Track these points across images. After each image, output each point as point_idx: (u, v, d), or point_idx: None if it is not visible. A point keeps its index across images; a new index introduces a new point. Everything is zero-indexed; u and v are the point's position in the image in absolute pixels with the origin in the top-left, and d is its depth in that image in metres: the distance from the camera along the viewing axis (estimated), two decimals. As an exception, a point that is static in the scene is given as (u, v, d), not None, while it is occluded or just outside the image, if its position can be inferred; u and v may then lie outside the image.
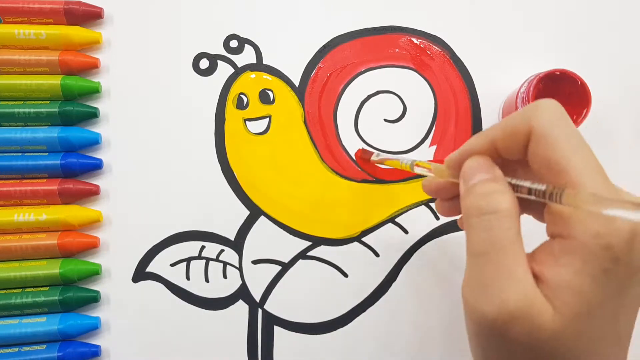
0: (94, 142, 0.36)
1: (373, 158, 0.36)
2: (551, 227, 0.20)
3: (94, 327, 0.34)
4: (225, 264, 0.36)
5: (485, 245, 0.20)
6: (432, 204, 0.37)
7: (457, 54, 0.39)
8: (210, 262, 0.36)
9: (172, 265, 0.36)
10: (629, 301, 0.20)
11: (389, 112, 0.38)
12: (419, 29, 0.39)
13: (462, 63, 0.39)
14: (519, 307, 0.19)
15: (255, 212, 0.37)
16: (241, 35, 0.39)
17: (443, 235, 0.37)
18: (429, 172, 0.27)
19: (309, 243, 0.36)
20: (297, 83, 0.38)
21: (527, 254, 0.21)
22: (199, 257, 0.36)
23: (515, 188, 0.21)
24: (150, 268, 0.36)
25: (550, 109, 0.21)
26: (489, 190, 0.21)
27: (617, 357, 0.21)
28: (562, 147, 0.20)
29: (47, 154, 0.36)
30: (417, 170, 0.28)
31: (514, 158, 0.22)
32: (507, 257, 0.20)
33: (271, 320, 0.36)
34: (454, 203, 0.27)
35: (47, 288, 0.34)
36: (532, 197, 0.20)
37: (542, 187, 0.20)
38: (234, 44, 0.39)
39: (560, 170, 0.20)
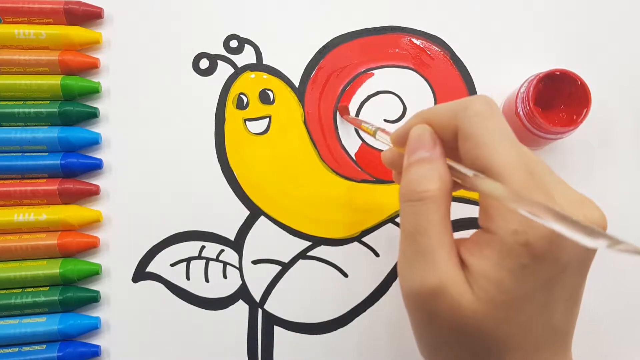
0: (94, 142, 0.36)
1: (347, 116, 0.37)
2: (481, 218, 0.21)
3: (94, 327, 0.34)
4: (225, 264, 0.36)
5: (411, 227, 0.21)
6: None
7: (457, 54, 0.39)
8: (210, 262, 0.36)
9: (172, 265, 0.36)
10: (561, 293, 0.20)
11: (389, 112, 0.38)
12: (419, 29, 0.39)
13: (462, 63, 0.39)
14: (438, 285, 0.20)
15: (255, 212, 0.37)
16: (241, 35, 0.39)
17: (443, 235, 0.37)
18: (388, 143, 0.27)
19: (309, 243, 0.36)
20: (297, 83, 0.38)
21: (460, 239, 0.22)
22: (199, 257, 0.36)
23: (451, 169, 0.21)
24: (150, 268, 0.36)
25: (477, 107, 0.21)
26: (421, 174, 0.21)
27: (555, 350, 0.21)
28: (487, 145, 0.20)
29: (47, 154, 0.36)
30: (379, 137, 0.28)
31: (450, 146, 0.22)
32: (430, 239, 0.20)
33: (271, 320, 0.36)
34: None
35: (47, 288, 0.34)
36: (461, 182, 0.21)
37: (470, 172, 0.20)
38: (234, 44, 0.39)
39: (484, 167, 0.20)
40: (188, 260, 0.36)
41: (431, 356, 0.23)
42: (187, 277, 0.36)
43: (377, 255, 0.37)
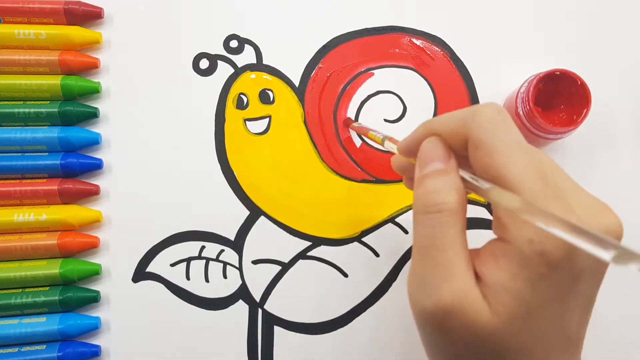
0: (94, 142, 0.36)
1: (354, 125, 0.36)
2: (495, 227, 0.21)
3: (94, 327, 0.34)
4: (225, 264, 0.36)
5: (426, 241, 0.21)
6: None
7: (457, 54, 0.39)
8: (210, 262, 0.36)
9: (172, 265, 0.36)
10: (575, 302, 0.20)
11: (389, 112, 0.38)
12: (419, 29, 0.39)
13: (462, 63, 0.39)
14: (455, 303, 0.19)
15: (255, 212, 0.37)
16: (241, 35, 0.39)
17: (443, 235, 0.37)
18: (396, 152, 0.27)
19: (309, 243, 0.36)
20: (297, 83, 0.38)
21: (473, 250, 0.21)
22: (199, 257, 0.36)
23: (464, 180, 0.21)
24: (150, 268, 0.36)
25: (488, 115, 0.20)
26: (437, 187, 0.21)
27: (566, 357, 0.21)
28: (498, 153, 0.19)
29: (47, 154, 0.36)
30: (387, 146, 0.28)
31: (459, 154, 0.22)
32: (447, 254, 0.20)
33: (271, 320, 0.36)
34: None
35: (47, 288, 0.34)
36: (474, 192, 0.20)
37: (484, 185, 0.20)
38: (234, 44, 0.39)
39: (497, 175, 0.19)
40: (188, 260, 0.36)
41: None
42: (187, 277, 0.36)
43: (377, 255, 0.37)
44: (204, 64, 0.38)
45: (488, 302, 0.19)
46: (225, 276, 0.36)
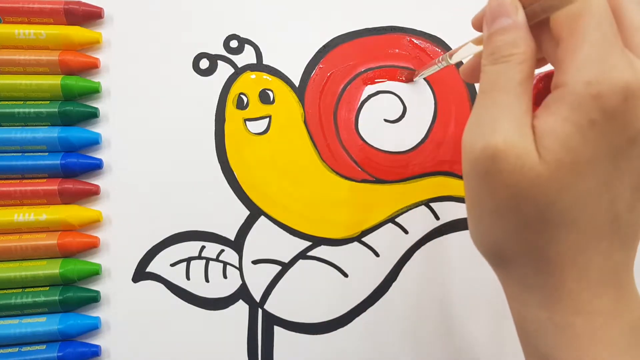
0: (94, 142, 0.36)
1: (416, 78, 0.37)
2: (554, 76, 0.20)
3: (94, 327, 0.34)
4: (225, 264, 0.36)
5: (490, 85, 0.20)
6: (432, 204, 0.37)
7: (457, 54, 0.39)
8: (210, 262, 0.36)
9: (172, 265, 0.36)
10: (629, 172, 0.19)
11: (389, 112, 0.38)
12: (419, 29, 0.39)
13: (462, 63, 0.39)
14: (506, 144, 0.19)
15: (255, 212, 0.37)
16: (241, 35, 0.39)
17: (443, 235, 0.37)
18: (465, 50, 0.26)
19: (309, 243, 0.36)
20: (297, 83, 0.38)
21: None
22: (199, 257, 0.36)
23: (531, 16, 0.21)
24: (150, 268, 0.36)
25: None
26: (506, 41, 0.20)
27: (614, 242, 0.20)
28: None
29: (47, 154, 0.36)
30: (456, 58, 0.28)
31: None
32: (508, 95, 0.20)
33: (271, 320, 0.36)
34: None
35: (47, 288, 0.34)
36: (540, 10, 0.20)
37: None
38: (234, 44, 0.39)
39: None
40: (188, 260, 0.36)
41: (482, 233, 0.22)
42: (187, 277, 0.36)
43: (377, 255, 0.37)
44: (204, 64, 0.38)
45: (538, 152, 0.19)
46: (225, 276, 0.36)
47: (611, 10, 0.19)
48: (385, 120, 0.38)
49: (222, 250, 0.36)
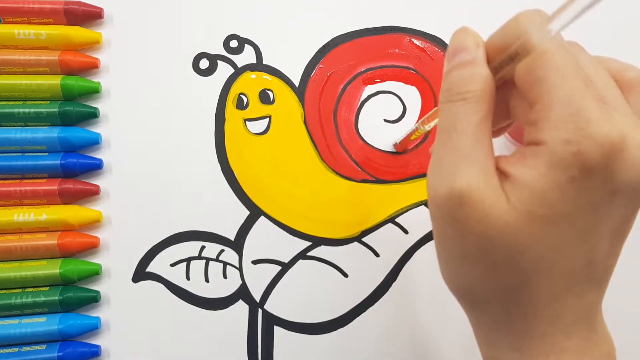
0: (94, 142, 0.36)
1: (397, 144, 0.37)
2: (527, 133, 0.19)
3: (94, 327, 0.34)
4: (225, 264, 0.36)
5: (448, 125, 0.20)
6: (432, 204, 0.37)
7: (457, 54, 0.39)
8: (210, 262, 0.36)
9: (172, 265, 0.36)
10: (608, 223, 0.18)
11: (389, 112, 0.38)
12: (419, 29, 0.39)
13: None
14: (470, 189, 0.18)
15: (255, 212, 0.37)
16: (241, 35, 0.39)
17: (443, 235, 0.37)
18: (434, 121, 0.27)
19: (309, 243, 0.36)
20: (297, 83, 0.38)
21: (501, 155, 0.20)
22: (199, 257, 0.36)
23: (495, 71, 0.20)
24: (150, 268, 0.36)
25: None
26: (463, 77, 0.20)
27: (588, 287, 0.19)
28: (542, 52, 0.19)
29: (47, 154, 0.36)
30: (432, 124, 0.29)
31: None
32: (467, 138, 0.19)
33: (271, 320, 0.36)
34: None
35: (47, 288, 0.34)
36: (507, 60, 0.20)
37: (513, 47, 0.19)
38: (234, 44, 0.39)
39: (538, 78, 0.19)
40: (188, 260, 0.36)
41: (451, 275, 0.21)
42: (187, 277, 0.36)
43: (377, 255, 0.37)
44: (204, 64, 0.38)
45: (507, 197, 0.18)
46: (225, 276, 0.36)
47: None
48: (385, 120, 0.38)
49: (222, 250, 0.36)
